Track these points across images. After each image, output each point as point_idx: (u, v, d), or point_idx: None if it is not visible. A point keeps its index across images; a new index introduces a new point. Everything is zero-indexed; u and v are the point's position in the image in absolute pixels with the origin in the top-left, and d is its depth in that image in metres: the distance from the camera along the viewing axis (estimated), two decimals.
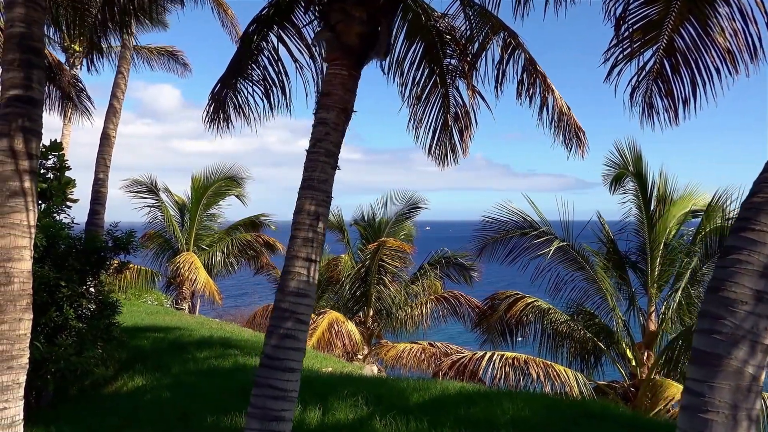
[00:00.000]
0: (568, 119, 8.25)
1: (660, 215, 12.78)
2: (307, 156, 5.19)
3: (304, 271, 4.83)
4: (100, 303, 8.99)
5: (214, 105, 7.58)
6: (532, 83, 8.06)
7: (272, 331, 4.75)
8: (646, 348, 12.41)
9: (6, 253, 4.74)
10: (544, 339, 13.56)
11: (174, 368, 9.21)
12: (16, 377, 4.74)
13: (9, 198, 4.78)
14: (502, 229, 13.31)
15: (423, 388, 7.49)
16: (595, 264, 12.91)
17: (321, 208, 5.00)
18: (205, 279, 17.52)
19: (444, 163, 8.92)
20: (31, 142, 4.94)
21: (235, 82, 7.54)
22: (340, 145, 5.27)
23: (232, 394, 7.50)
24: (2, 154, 4.83)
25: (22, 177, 4.83)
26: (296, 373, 4.71)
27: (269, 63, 7.60)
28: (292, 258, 4.88)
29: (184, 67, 26.33)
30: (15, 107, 4.87)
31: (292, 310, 4.73)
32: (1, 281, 4.71)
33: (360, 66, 5.50)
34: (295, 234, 4.95)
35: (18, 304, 4.78)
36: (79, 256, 8.67)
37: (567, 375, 11.82)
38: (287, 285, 4.80)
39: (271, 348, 4.69)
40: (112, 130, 14.03)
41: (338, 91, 5.24)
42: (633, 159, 13.12)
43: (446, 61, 8.28)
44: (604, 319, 13.16)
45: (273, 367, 4.62)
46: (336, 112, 5.20)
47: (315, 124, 5.25)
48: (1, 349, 4.68)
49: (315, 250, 4.92)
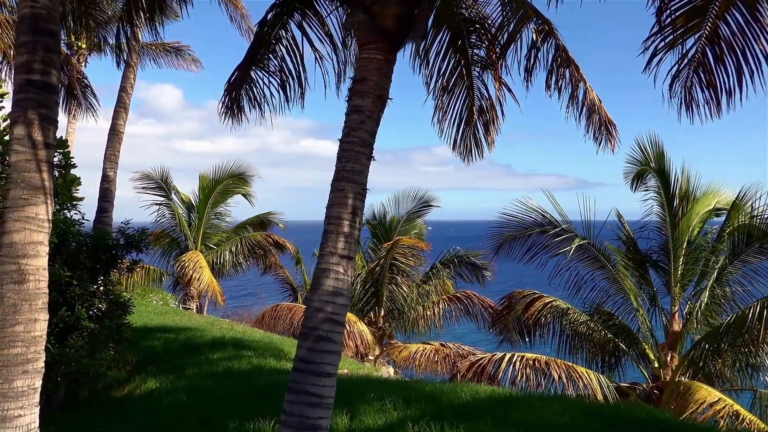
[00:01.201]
0: (599, 112, 7.96)
1: (683, 213, 12.44)
2: (340, 146, 4.87)
3: (339, 268, 4.50)
4: (112, 302, 8.68)
5: (229, 96, 7.27)
6: (562, 75, 7.74)
7: (306, 333, 4.42)
8: (670, 349, 12.07)
9: (21, 249, 4.42)
10: (562, 339, 13.24)
11: (188, 370, 8.89)
12: (31, 382, 4.43)
13: (24, 189, 4.47)
14: (520, 227, 12.99)
15: (451, 392, 7.17)
16: (616, 263, 12.57)
17: (357, 201, 4.67)
18: (208, 278, 17.19)
19: (468, 159, 8.64)
20: (48, 131, 4.63)
21: (251, 71, 7.23)
22: (375, 134, 4.95)
23: (250, 397, 7.18)
24: (17, 142, 4.51)
25: (39, 167, 4.51)
26: (332, 378, 4.38)
27: (287, 53, 7.28)
28: (326, 255, 4.56)
29: (193, 61, 26.04)
30: (30, 93, 4.56)
31: (328, 311, 4.40)
32: (15, 279, 4.39)
33: (396, 50, 5.18)
34: (329, 229, 4.62)
35: (33, 304, 4.47)
36: (90, 254, 8.37)
37: (589, 377, 11.48)
38: (322, 284, 4.47)
39: (306, 351, 4.36)
40: (120, 125, 13.73)
41: (373, 77, 4.92)
42: (655, 155, 12.79)
43: (472, 51, 7.97)
44: (624, 319, 12.83)
45: (308, 371, 4.30)
46: (371, 98, 4.87)
47: (348, 112, 4.93)
48: (16, 352, 4.36)
49: (351, 246, 4.60)
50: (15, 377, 4.33)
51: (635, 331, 12.68)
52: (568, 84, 7.75)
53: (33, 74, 4.56)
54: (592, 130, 8.02)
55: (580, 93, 7.78)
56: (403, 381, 9.07)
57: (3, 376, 4.31)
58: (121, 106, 13.96)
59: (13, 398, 4.32)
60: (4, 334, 4.34)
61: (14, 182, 4.49)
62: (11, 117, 4.61)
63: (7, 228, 4.44)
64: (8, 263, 4.40)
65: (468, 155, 8.54)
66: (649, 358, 12.54)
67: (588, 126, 8.00)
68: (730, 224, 11.93)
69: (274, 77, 7.33)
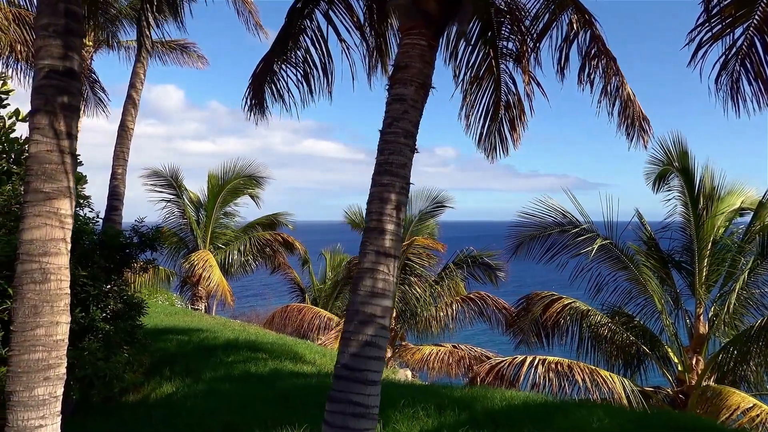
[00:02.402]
0: (633, 106, 7.66)
1: (708, 212, 12.11)
2: (382, 137, 4.56)
3: (384, 268, 4.19)
4: (125, 303, 8.38)
5: (253, 90, 6.99)
6: (596, 67, 7.46)
7: (349, 338, 4.10)
8: (695, 352, 11.74)
9: (41, 246, 4.11)
10: (582, 342, 12.90)
11: (204, 374, 8.59)
12: (53, 390, 4.12)
13: (45, 182, 4.16)
14: (539, 226, 12.67)
15: (483, 398, 6.84)
16: (639, 263, 12.24)
17: (401, 197, 4.36)
18: (218, 278, 16.88)
19: (492, 156, 8.36)
20: (70, 120, 4.31)
21: (275, 64, 6.95)
22: (418, 124, 4.64)
23: (272, 402, 6.87)
24: (38, 132, 4.21)
25: (62, 158, 4.20)
26: (377, 386, 4.07)
27: (312, 44, 6.99)
28: (369, 254, 4.24)
29: (198, 59, 25.70)
30: (51, 79, 4.24)
31: (373, 314, 4.09)
32: (36, 279, 4.08)
33: (439, 36, 4.87)
34: (371, 226, 4.31)
35: (55, 306, 4.16)
36: (104, 253, 8.06)
37: (613, 381, 11.15)
38: (365, 285, 4.16)
39: (349, 357, 4.04)
40: (130, 122, 13.42)
41: (416, 64, 4.61)
42: (678, 154, 12.46)
43: (501, 44, 7.67)
44: (647, 321, 12.51)
45: (352, 379, 3.98)
46: (414, 87, 4.57)
47: (390, 101, 4.62)
48: (37, 357, 4.05)
49: (395, 244, 4.28)
50: (36, 384, 4.02)
51: (658, 334, 12.36)
52: (602, 77, 7.47)
53: (54, 59, 4.25)
54: (624, 126, 7.74)
55: (614, 85, 7.50)
56: (431, 386, 8.75)
57: (23, 384, 4.00)
58: (131, 102, 13.65)
59: (33, 407, 4.01)
60: (24, 337, 4.03)
61: (34, 174, 4.18)
62: (31, 105, 4.30)
63: (27, 224, 4.13)
64: (28, 262, 4.09)
65: (492, 152, 8.28)
66: (672, 362, 12.22)
67: (622, 121, 7.71)
68: (759, 223, 11.61)
69: (298, 69, 7.04)
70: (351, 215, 19.38)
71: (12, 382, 4.01)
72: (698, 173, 12.36)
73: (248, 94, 6.70)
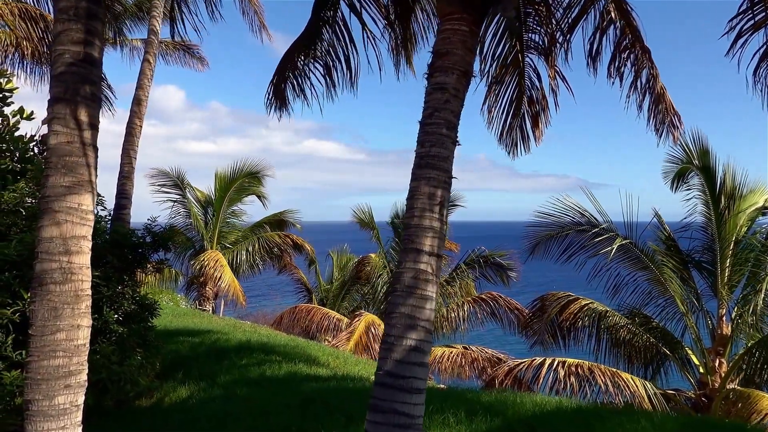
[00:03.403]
0: (665, 100, 7.40)
1: (730, 211, 11.83)
2: (421, 128, 4.29)
3: (428, 268, 3.92)
4: (138, 304, 8.12)
5: (275, 86, 6.74)
6: (626, 59, 7.20)
7: (393, 342, 3.83)
8: (718, 355, 11.46)
9: (63, 244, 3.83)
10: (600, 344, 12.63)
11: (219, 377, 8.31)
12: (74, 398, 3.84)
13: (66, 176, 3.88)
14: (557, 225, 12.40)
15: (514, 403, 6.57)
16: (661, 264, 11.96)
17: (443, 191, 4.09)
18: (230, 278, 16.62)
19: (514, 153, 8.10)
20: (92, 109, 4.05)
21: (299, 57, 6.70)
22: (459, 115, 4.37)
23: (295, 408, 6.59)
24: (57, 122, 3.93)
25: (84, 150, 3.93)
26: (423, 394, 3.79)
27: (335, 35, 6.73)
28: (411, 252, 3.97)
29: (200, 61, 25.46)
30: (72, 66, 3.97)
31: (418, 317, 3.81)
32: (56, 279, 3.80)
33: (480, 22, 4.60)
34: (413, 223, 4.03)
35: (76, 308, 3.88)
36: (117, 253, 7.80)
37: (635, 384, 10.88)
38: (408, 285, 3.88)
39: (393, 364, 3.76)
40: (137, 120, 13.16)
41: (458, 51, 4.34)
42: (699, 152, 12.17)
43: (528, 36, 7.41)
44: (666, 322, 12.23)
45: (397, 387, 3.71)
46: (456, 75, 4.30)
47: (430, 91, 4.35)
48: (57, 364, 3.77)
49: (439, 242, 4.01)
50: (56, 393, 3.75)
51: (678, 336, 12.09)
52: (632, 69, 7.22)
53: (75, 44, 3.98)
54: (654, 121, 7.49)
55: (643, 77, 7.25)
56: (454, 390, 8.48)
57: (43, 392, 3.73)
58: (138, 101, 13.39)
59: (54, 417, 3.74)
60: (44, 342, 3.76)
61: (54, 168, 3.91)
62: (50, 93, 4.03)
63: (46, 220, 3.86)
64: (48, 261, 3.82)
65: (513, 149, 8.03)
66: (693, 364, 11.94)
67: (653, 116, 7.46)
68: None
69: (318, 62, 6.79)
70: (360, 214, 19.06)
71: (31, 390, 3.74)
72: (719, 172, 12.09)
73: (270, 89, 6.46)
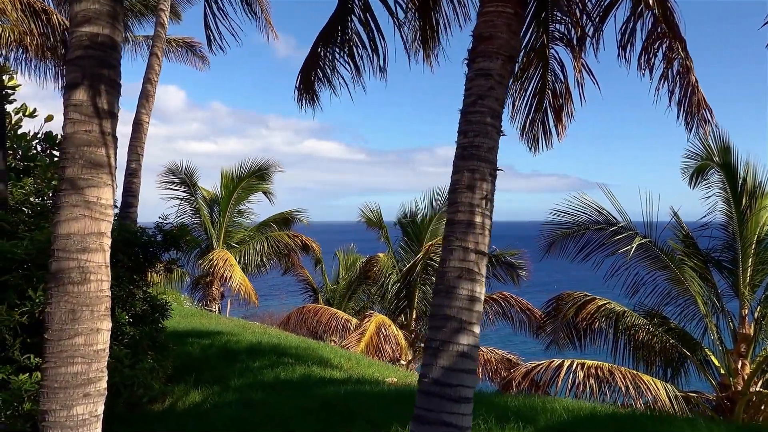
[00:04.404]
0: (697, 94, 7.13)
1: (752, 209, 11.54)
2: (463, 117, 4.00)
3: (474, 267, 3.63)
4: (149, 305, 7.84)
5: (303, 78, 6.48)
6: (657, 49, 6.91)
7: (438, 347, 3.54)
8: (740, 356, 11.18)
9: (81, 242, 3.55)
10: (618, 345, 12.34)
11: (232, 380, 8.03)
12: (93, 408, 3.56)
13: (84, 167, 3.60)
14: (574, 224, 12.12)
15: (544, 408, 6.29)
16: (681, 263, 11.67)
17: (490, 185, 3.80)
18: (240, 277, 16.35)
19: (535, 148, 7.85)
20: (112, 96, 3.77)
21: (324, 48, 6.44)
22: (504, 103, 4.09)
23: (316, 413, 6.32)
24: (75, 110, 3.64)
25: (103, 140, 3.65)
26: (471, 404, 3.51)
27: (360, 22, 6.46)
28: (456, 250, 3.68)
29: (201, 59, 25.14)
30: (90, 49, 3.69)
31: (465, 320, 3.53)
32: (74, 279, 3.52)
33: (525, 5, 4.32)
34: (456, 218, 3.74)
35: (95, 310, 3.60)
36: (128, 252, 7.51)
37: (657, 386, 10.59)
38: (455, 286, 3.60)
39: (440, 371, 3.48)
40: (145, 116, 12.87)
41: (503, 34, 4.05)
42: (719, 149, 11.89)
43: (554, 26, 7.14)
44: (686, 323, 11.95)
45: (444, 396, 3.42)
46: (501, 60, 4.01)
47: (472, 77, 4.06)
48: (76, 371, 3.49)
49: (486, 239, 3.72)
50: (75, 402, 3.47)
51: (698, 336, 11.81)
52: (663, 60, 6.94)
53: (93, 26, 3.69)
54: (683, 115, 7.23)
55: (675, 67, 6.98)
56: (480, 394, 8.18)
57: (60, 401, 3.45)
58: (145, 97, 13.10)
59: (72, 428, 3.46)
60: (62, 347, 3.48)
61: (71, 159, 3.63)
62: (66, 79, 3.74)
63: (62, 215, 3.58)
64: (64, 259, 3.54)
65: (535, 144, 7.77)
66: (713, 365, 11.66)
67: (684, 109, 7.19)
68: None
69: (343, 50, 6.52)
70: (367, 213, 18.75)
71: (47, 400, 3.46)
72: (740, 168, 11.81)
73: (298, 82, 6.20)
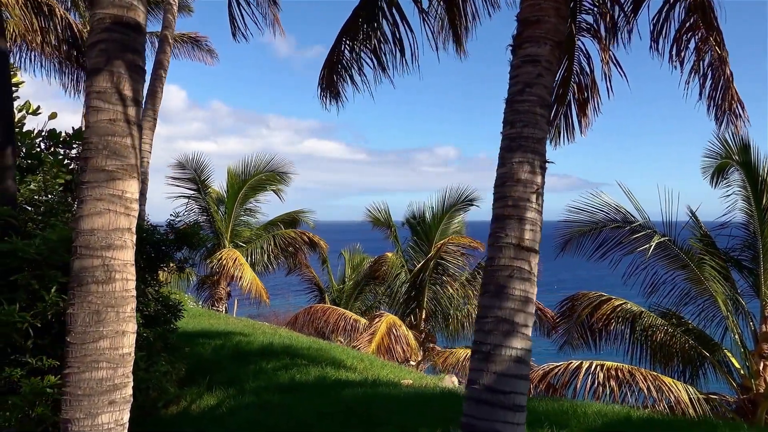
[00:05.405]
0: (731, 88, 6.92)
1: None
2: (510, 106, 3.76)
3: (525, 265, 3.39)
4: (162, 305, 7.61)
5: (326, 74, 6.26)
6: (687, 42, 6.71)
7: (490, 351, 3.30)
8: (761, 357, 10.94)
9: (105, 238, 3.31)
10: (635, 346, 12.12)
11: (247, 383, 7.80)
12: (119, 416, 3.33)
13: (108, 159, 3.36)
14: (590, 221, 11.90)
15: (575, 413, 6.06)
16: (700, 262, 11.44)
17: (539, 177, 3.56)
18: (251, 277, 16.12)
19: (556, 142, 7.62)
20: (137, 83, 3.53)
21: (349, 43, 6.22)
22: (553, 92, 3.85)
23: (338, 418, 6.09)
24: (98, 97, 3.41)
25: (129, 130, 3.41)
26: (524, 412, 3.27)
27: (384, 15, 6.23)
28: (506, 247, 3.44)
29: (209, 53, 24.84)
30: (114, 32, 3.45)
31: (517, 322, 3.29)
32: (99, 278, 3.28)
33: None
34: (505, 213, 3.50)
35: (121, 311, 3.36)
36: (140, 250, 7.27)
37: (678, 388, 10.36)
38: (506, 286, 3.36)
39: (492, 377, 3.24)
40: (152, 111, 12.61)
41: (551, 18, 3.81)
42: (738, 147, 11.68)
43: (581, 16, 6.92)
44: (706, 324, 11.73)
45: (498, 404, 3.18)
46: (550, 46, 3.77)
47: (519, 64, 3.82)
48: (101, 376, 3.25)
49: (535, 235, 3.48)
50: (100, 410, 3.23)
51: (717, 337, 11.59)
52: (694, 51, 6.74)
53: (117, 8, 3.46)
54: (713, 109, 7.02)
55: (706, 63, 6.77)
56: None
57: (84, 409, 3.21)
58: (153, 93, 12.81)
59: None
60: (85, 351, 3.24)
61: (94, 150, 3.39)
62: (88, 64, 3.50)
63: (85, 210, 3.34)
64: (88, 257, 3.30)
65: (556, 138, 7.55)
66: (733, 367, 11.44)
67: (716, 103, 6.98)
68: None
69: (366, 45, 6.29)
70: (374, 212, 18.50)
71: (70, 408, 3.22)
72: (761, 166, 11.58)
73: (321, 79, 5.98)
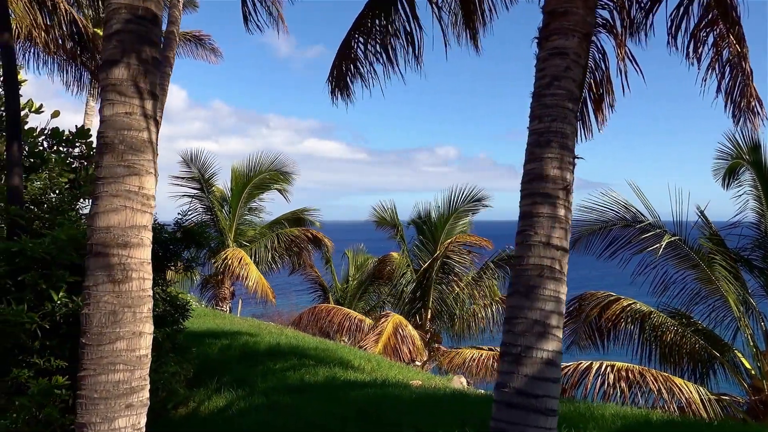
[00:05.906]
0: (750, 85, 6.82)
1: None
2: (537, 100, 3.65)
3: (555, 264, 3.28)
4: (170, 305, 7.50)
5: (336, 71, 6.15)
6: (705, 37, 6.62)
7: (521, 354, 3.19)
8: None
9: (121, 236, 3.20)
10: (644, 346, 12.00)
11: (256, 384, 7.69)
12: (136, 420, 3.21)
13: (124, 153, 3.26)
14: (600, 220, 11.80)
15: (592, 416, 5.95)
16: (711, 262, 11.34)
17: (569, 174, 3.45)
18: (257, 276, 16.02)
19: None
20: (153, 75, 3.43)
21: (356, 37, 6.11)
22: (582, 85, 3.74)
23: (352, 420, 5.99)
24: (114, 90, 3.30)
25: (146, 123, 3.31)
26: (556, 417, 3.16)
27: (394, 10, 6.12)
28: (535, 246, 3.33)
29: (212, 52, 24.69)
30: (130, 23, 3.34)
31: (549, 323, 3.18)
32: (115, 277, 3.17)
33: None
34: (535, 211, 3.39)
35: (138, 312, 3.25)
36: None
37: (689, 389, 10.25)
38: (536, 286, 3.25)
39: (523, 380, 3.13)
40: (158, 110, 12.48)
41: (579, 10, 3.70)
42: (748, 147, 11.61)
43: (596, 12, 6.79)
44: (716, 324, 11.62)
45: (530, 408, 3.07)
46: (578, 38, 3.66)
47: (546, 57, 3.71)
48: (117, 379, 3.14)
49: (565, 234, 3.37)
50: (116, 414, 3.12)
51: (728, 338, 11.49)
52: (712, 47, 6.65)
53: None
54: (731, 106, 6.92)
55: (724, 58, 6.67)
56: None
57: (101, 413, 3.10)
58: (160, 91, 12.71)
59: None
60: (101, 353, 3.13)
61: (110, 144, 3.29)
62: (103, 56, 3.40)
63: (101, 206, 3.24)
64: (104, 255, 3.19)
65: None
66: (744, 367, 11.33)
67: (733, 100, 6.88)
68: None
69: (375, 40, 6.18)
70: (380, 212, 18.35)
71: (86, 412, 3.11)
72: None
73: (331, 76, 5.87)
